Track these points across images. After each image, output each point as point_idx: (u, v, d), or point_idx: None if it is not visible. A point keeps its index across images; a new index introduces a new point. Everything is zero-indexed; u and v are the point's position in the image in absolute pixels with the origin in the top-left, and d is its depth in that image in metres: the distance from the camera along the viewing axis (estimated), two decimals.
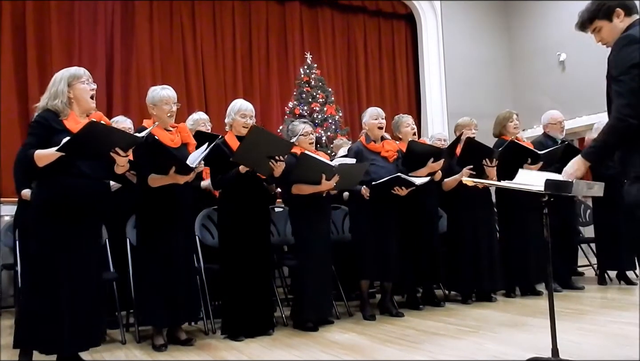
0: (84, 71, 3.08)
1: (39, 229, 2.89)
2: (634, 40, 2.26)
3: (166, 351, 3.36)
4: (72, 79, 3.00)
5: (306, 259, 3.92)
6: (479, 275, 4.63)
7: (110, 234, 3.88)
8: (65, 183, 2.89)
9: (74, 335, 2.85)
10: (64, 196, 2.88)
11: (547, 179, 2.42)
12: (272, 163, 3.61)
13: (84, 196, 2.93)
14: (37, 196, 2.97)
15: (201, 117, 4.64)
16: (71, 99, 2.99)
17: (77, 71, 3.05)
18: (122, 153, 2.89)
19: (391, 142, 4.50)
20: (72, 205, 2.89)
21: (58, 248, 2.86)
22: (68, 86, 2.98)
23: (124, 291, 3.81)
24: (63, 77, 3.00)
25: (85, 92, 3.01)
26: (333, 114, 7.40)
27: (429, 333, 3.60)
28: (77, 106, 3.01)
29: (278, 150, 3.63)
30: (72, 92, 2.98)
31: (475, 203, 4.70)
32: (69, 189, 2.89)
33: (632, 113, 2.20)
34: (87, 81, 3.04)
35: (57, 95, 2.95)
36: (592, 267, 5.71)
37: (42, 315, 2.82)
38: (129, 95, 7.39)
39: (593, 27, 2.48)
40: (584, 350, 2.96)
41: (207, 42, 8.08)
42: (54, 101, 2.93)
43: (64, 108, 2.94)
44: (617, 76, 2.26)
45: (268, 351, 3.29)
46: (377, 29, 9.57)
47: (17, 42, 6.74)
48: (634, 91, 2.19)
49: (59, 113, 2.92)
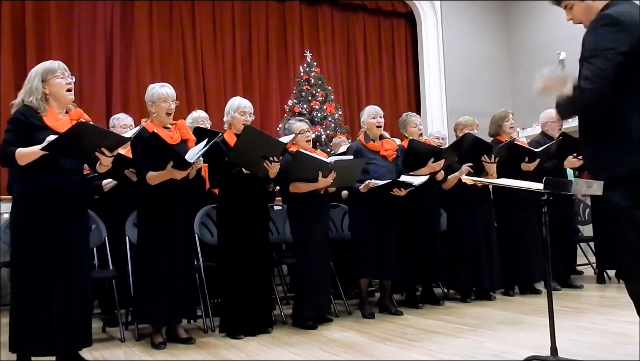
0: (58, 64, 2.96)
1: (23, 227, 2.82)
2: (612, 21, 2.12)
3: (165, 350, 3.36)
4: (47, 74, 2.90)
5: (305, 258, 3.92)
6: (478, 274, 4.62)
7: (109, 232, 3.88)
8: (48, 179, 2.82)
9: (61, 335, 2.80)
10: (48, 193, 2.81)
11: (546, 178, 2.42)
12: (266, 163, 3.61)
13: (68, 192, 2.88)
14: (20, 193, 2.88)
15: (200, 115, 4.64)
16: (47, 95, 2.89)
17: (51, 65, 2.94)
18: (107, 153, 2.83)
19: (390, 141, 4.50)
20: (57, 202, 2.83)
21: (44, 246, 2.80)
22: (43, 82, 2.88)
23: (124, 289, 3.80)
24: (37, 73, 2.90)
25: (61, 87, 2.91)
26: (333, 113, 7.41)
27: (428, 332, 3.60)
28: (54, 102, 2.91)
29: (272, 150, 3.62)
30: (47, 88, 2.89)
31: (474, 202, 4.70)
32: (52, 186, 2.82)
33: (596, 101, 2.11)
34: (63, 74, 2.93)
35: (32, 92, 2.86)
36: (591, 266, 5.71)
37: (29, 316, 2.76)
38: (128, 94, 7.41)
39: (565, 4, 2.35)
40: (583, 349, 2.96)
41: (207, 41, 8.08)
42: (29, 98, 2.85)
43: (40, 104, 2.85)
44: (589, 57, 2.14)
45: (267, 350, 3.29)
46: (377, 27, 9.58)
47: (16, 41, 6.75)
48: (602, 76, 2.08)
49: (38, 110, 2.85)
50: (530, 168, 4.73)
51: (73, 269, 2.88)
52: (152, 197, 3.46)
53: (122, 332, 3.68)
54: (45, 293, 2.80)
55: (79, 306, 2.89)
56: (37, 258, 2.80)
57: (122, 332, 3.67)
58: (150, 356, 3.25)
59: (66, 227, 2.88)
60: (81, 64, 7.11)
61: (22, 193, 2.87)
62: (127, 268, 3.79)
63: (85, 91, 7.10)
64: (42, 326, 2.78)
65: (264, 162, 3.59)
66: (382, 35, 9.60)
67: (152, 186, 3.42)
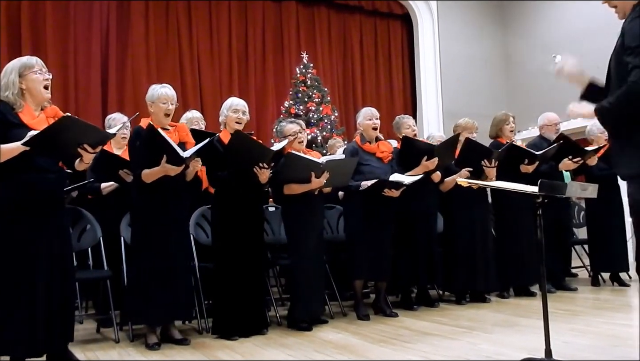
0: (36, 59, 2.90)
1: (1, 228, 2.76)
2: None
3: (160, 350, 3.35)
4: (24, 69, 2.83)
5: (299, 259, 3.92)
6: (473, 276, 4.63)
7: (104, 232, 3.87)
8: (25, 179, 2.77)
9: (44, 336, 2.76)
10: (24, 193, 2.76)
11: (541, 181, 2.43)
12: (256, 169, 3.61)
13: (45, 190, 2.83)
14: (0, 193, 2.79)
15: (195, 115, 4.65)
16: (24, 91, 2.82)
17: (28, 60, 2.87)
18: (90, 150, 2.79)
19: (386, 143, 4.50)
20: (35, 201, 2.79)
21: (23, 247, 2.75)
22: (19, 77, 2.81)
23: (118, 290, 3.79)
24: (14, 68, 2.83)
25: (38, 83, 2.84)
26: (329, 114, 7.41)
27: (422, 333, 3.60)
28: (30, 98, 2.84)
29: (261, 157, 3.62)
30: (24, 83, 2.82)
31: (471, 204, 4.69)
32: (29, 185, 2.78)
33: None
34: (41, 70, 2.87)
35: (7, 86, 2.79)
36: (586, 268, 5.73)
37: (10, 318, 2.71)
38: (124, 93, 7.39)
39: None
40: (577, 351, 2.97)
41: (203, 41, 8.08)
42: (5, 93, 2.78)
43: (16, 100, 2.78)
44: (636, 46, 2.08)
45: (262, 351, 3.29)
46: (374, 28, 9.59)
47: (12, 41, 6.72)
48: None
49: (14, 106, 2.79)
50: (529, 170, 4.74)
51: (54, 268, 2.84)
52: (147, 197, 3.44)
53: (117, 333, 3.66)
54: (26, 294, 2.75)
55: (61, 305, 2.84)
56: (16, 258, 2.74)
57: (116, 333, 3.66)
58: (144, 356, 3.24)
59: (45, 226, 2.83)
60: (77, 64, 7.08)
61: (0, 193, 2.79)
62: (122, 269, 3.78)
63: (81, 91, 7.08)
64: (25, 327, 2.73)
65: (254, 167, 3.59)
66: (379, 37, 9.61)
67: (147, 186, 3.40)
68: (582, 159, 4.89)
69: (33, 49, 6.73)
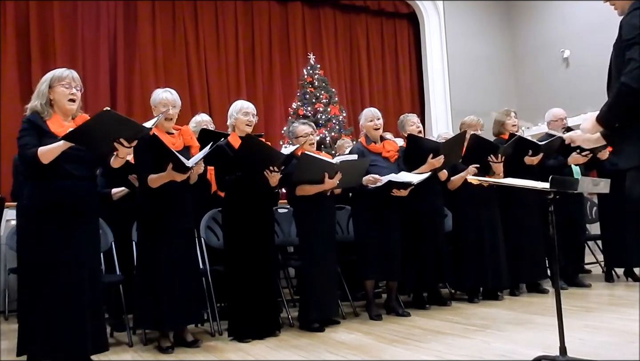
0: (69, 72, 3.00)
1: (31, 233, 2.83)
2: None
3: (173, 353, 3.35)
4: (54, 81, 2.94)
5: (311, 260, 3.92)
6: (485, 274, 4.60)
7: (116, 236, 3.89)
8: (56, 185, 2.84)
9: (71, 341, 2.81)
10: (55, 199, 2.83)
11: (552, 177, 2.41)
12: (266, 173, 3.61)
13: (76, 197, 2.89)
14: (27, 200, 2.89)
15: (204, 118, 4.66)
16: (52, 101, 2.94)
17: (61, 73, 2.98)
18: (125, 144, 2.83)
19: (392, 142, 4.49)
20: (65, 207, 2.85)
21: (52, 252, 2.80)
22: (49, 87, 2.93)
23: (131, 294, 3.80)
24: (47, 78, 2.96)
25: (63, 96, 2.94)
26: (337, 115, 7.40)
27: (435, 333, 3.59)
28: (57, 109, 2.95)
29: (272, 160, 3.62)
30: (52, 94, 2.93)
31: (479, 201, 4.67)
32: (60, 191, 2.84)
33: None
34: (69, 84, 2.96)
35: (38, 95, 2.92)
36: (599, 264, 5.68)
37: (37, 322, 2.76)
38: (132, 96, 7.43)
39: None
40: (592, 348, 2.95)
41: (210, 43, 8.09)
42: (36, 101, 2.91)
43: (44, 109, 2.89)
44: (631, 39, 2.12)
45: (274, 352, 3.29)
46: (380, 28, 9.57)
47: (20, 43, 6.77)
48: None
49: (42, 115, 2.88)
50: (534, 162, 4.72)
51: (84, 274, 2.88)
52: (152, 201, 3.45)
53: (130, 336, 3.68)
54: (54, 299, 2.79)
55: (90, 311, 2.89)
56: (45, 264, 2.80)
57: (129, 336, 3.67)
58: (157, 360, 3.26)
59: (74, 233, 2.88)
60: (85, 69, 7.11)
61: (29, 199, 2.88)
62: (134, 273, 3.79)
63: (89, 96, 7.10)
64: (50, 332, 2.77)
65: (264, 171, 3.60)
66: (385, 36, 9.59)
67: (153, 190, 3.41)
68: (592, 153, 4.85)
69: (41, 52, 6.81)
